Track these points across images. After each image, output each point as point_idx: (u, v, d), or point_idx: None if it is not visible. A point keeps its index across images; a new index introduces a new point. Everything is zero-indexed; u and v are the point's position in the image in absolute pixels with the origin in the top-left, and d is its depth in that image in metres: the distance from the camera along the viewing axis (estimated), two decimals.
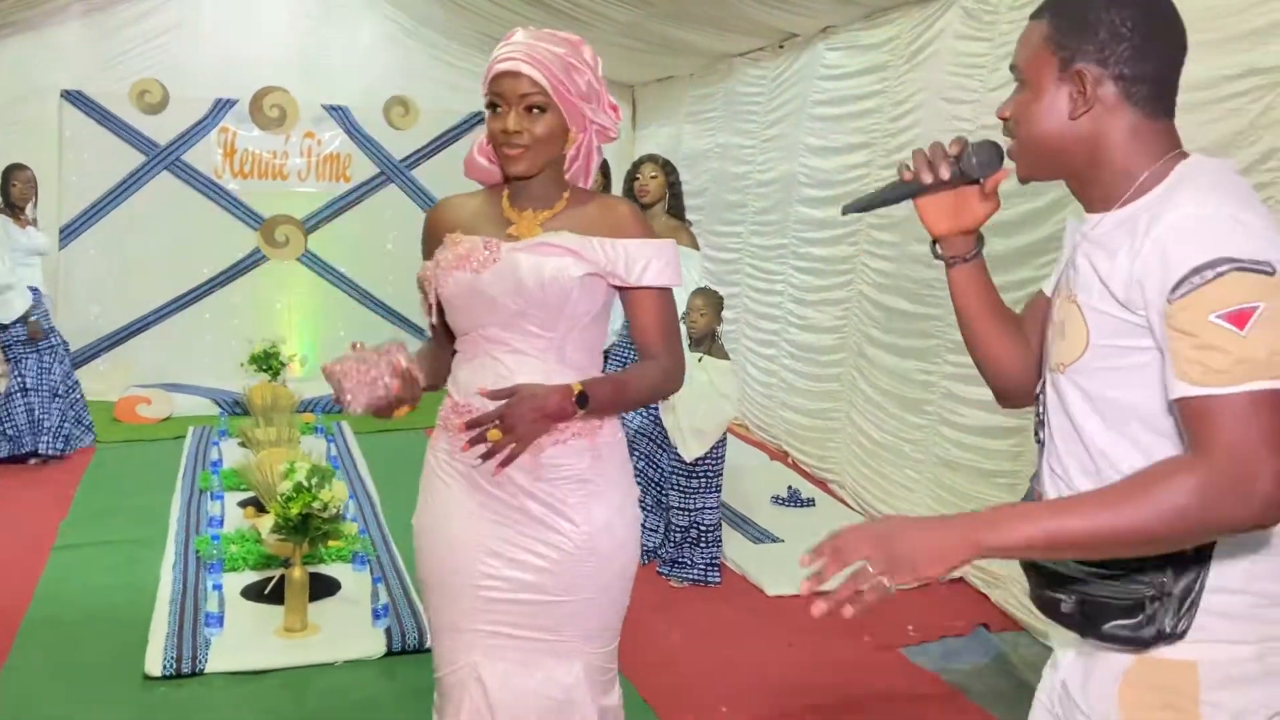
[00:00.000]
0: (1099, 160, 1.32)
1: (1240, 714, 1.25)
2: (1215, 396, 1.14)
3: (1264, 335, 1.14)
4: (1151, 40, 1.30)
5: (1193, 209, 1.20)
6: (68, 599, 3.74)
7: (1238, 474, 1.13)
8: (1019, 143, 1.38)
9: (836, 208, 5.22)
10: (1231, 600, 1.25)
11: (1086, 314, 1.30)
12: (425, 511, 1.94)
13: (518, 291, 1.79)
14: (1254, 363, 1.14)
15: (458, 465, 1.87)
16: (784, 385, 6.02)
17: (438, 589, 1.91)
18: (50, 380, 5.47)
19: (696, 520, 4.10)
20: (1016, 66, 1.37)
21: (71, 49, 6.91)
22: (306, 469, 3.40)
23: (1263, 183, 3.05)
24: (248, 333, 6.77)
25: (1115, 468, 1.28)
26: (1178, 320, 1.17)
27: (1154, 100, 1.32)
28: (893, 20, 4.85)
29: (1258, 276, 1.15)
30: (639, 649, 3.42)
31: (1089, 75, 1.29)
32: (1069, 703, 1.38)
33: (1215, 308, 1.14)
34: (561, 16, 6.25)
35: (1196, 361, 1.15)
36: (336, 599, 3.73)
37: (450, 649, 1.89)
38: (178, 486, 5.07)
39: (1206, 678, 1.25)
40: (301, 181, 7.24)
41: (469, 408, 1.82)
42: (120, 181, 6.81)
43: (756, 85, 6.21)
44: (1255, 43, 3.06)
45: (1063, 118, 1.32)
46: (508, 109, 1.77)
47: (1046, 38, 1.33)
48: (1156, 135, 1.32)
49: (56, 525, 4.49)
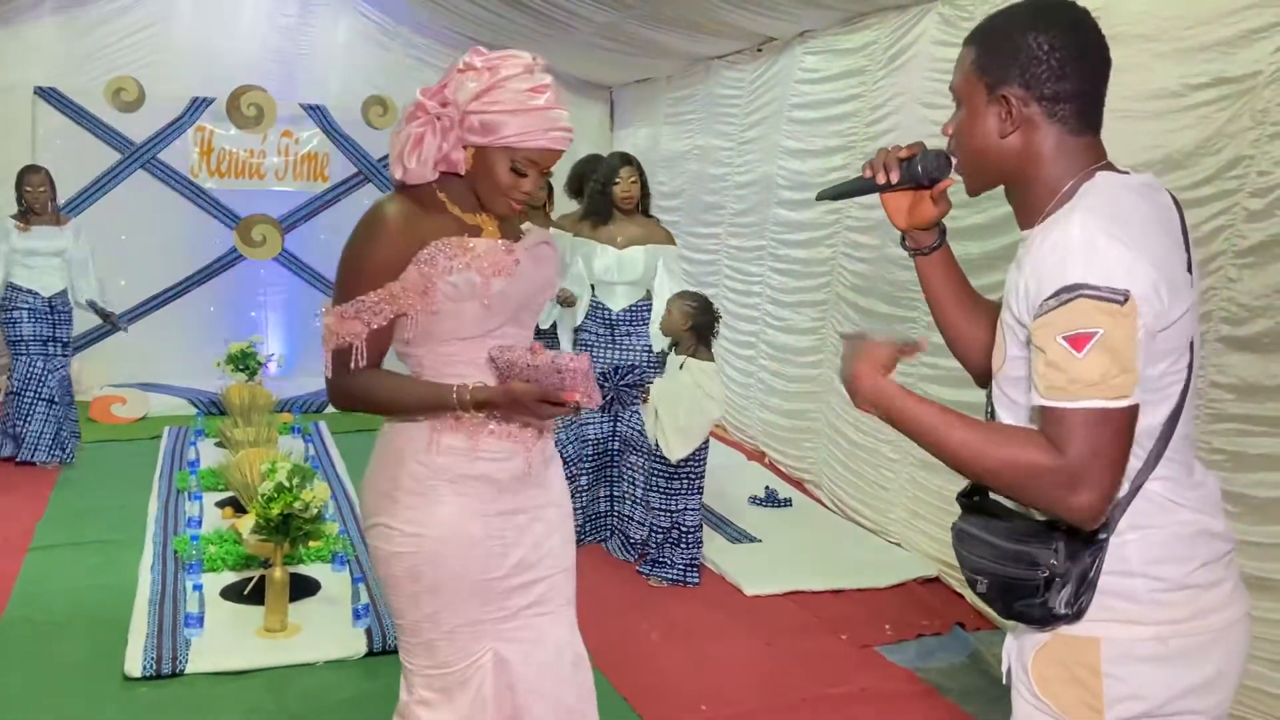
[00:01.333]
0: (1029, 175, 1.42)
1: (1140, 690, 1.35)
2: (1057, 409, 1.28)
3: (1098, 359, 1.25)
4: (1071, 61, 1.37)
5: (1067, 232, 1.31)
6: (45, 600, 3.73)
7: (1071, 478, 1.27)
8: (960, 159, 1.49)
9: (815, 210, 5.35)
10: (1130, 583, 1.36)
11: (1003, 327, 1.42)
12: (434, 521, 1.90)
13: (534, 290, 1.96)
14: (1086, 383, 1.26)
15: (479, 467, 1.90)
16: (762, 386, 6.07)
17: (457, 592, 1.91)
18: (43, 387, 5.33)
19: (678, 521, 4.12)
20: (953, 89, 1.47)
21: (45, 45, 6.85)
22: (288, 469, 3.40)
23: (1228, 189, 3.12)
24: (224, 332, 6.73)
25: None
26: (1036, 336, 1.30)
27: (1077, 117, 1.40)
28: (870, 25, 4.90)
29: (1106, 304, 1.25)
30: (619, 648, 3.46)
31: (1014, 97, 1.39)
32: (1011, 678, 1.49)
33: (1062, 330, 1.27)
34: (540, 18, 6.27)
35: (1044, 376, 1.29)
36: (317, 599, 3.74)
37: (467, 643, 1.94)
38: (155, 487, 5.05)
39: (1107, 652, 1.36)
40: (279, 181, 7.21)
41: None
42: (95, 180, 6.76)
43: (735, 88, 6.25)
44: (1222, 52, 3.13)
45: (994, 136, 1.42)
46: (534, 175, 1.87)
47: (974, 63, 1.43)
48: (1080, 150, 1.41)
49: (33, 526, 4.46)
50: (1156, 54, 3.34)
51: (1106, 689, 1.35)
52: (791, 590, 4.03)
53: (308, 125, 7.20)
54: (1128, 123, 3.44)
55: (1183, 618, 1.36)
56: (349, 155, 7.29)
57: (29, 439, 5.30)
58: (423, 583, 1.91)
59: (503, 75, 1.80)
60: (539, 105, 1.81)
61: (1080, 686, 1.37)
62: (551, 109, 1.83)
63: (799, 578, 4.11)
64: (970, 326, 1.65)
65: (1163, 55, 3.32)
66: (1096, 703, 1.35)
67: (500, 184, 1.85)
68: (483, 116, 1.80)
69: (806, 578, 4.11)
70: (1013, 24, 1.40)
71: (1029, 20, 1.39)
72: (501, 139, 1.81)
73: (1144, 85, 3.37)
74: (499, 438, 1.91)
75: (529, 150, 1.82)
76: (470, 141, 1.83)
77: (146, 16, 7.02)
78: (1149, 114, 3.36)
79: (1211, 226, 3.17)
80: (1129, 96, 3.44)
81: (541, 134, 1.81)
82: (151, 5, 7.03)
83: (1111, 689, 1.35)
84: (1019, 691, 1.45)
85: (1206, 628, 1.37)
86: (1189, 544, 1.37)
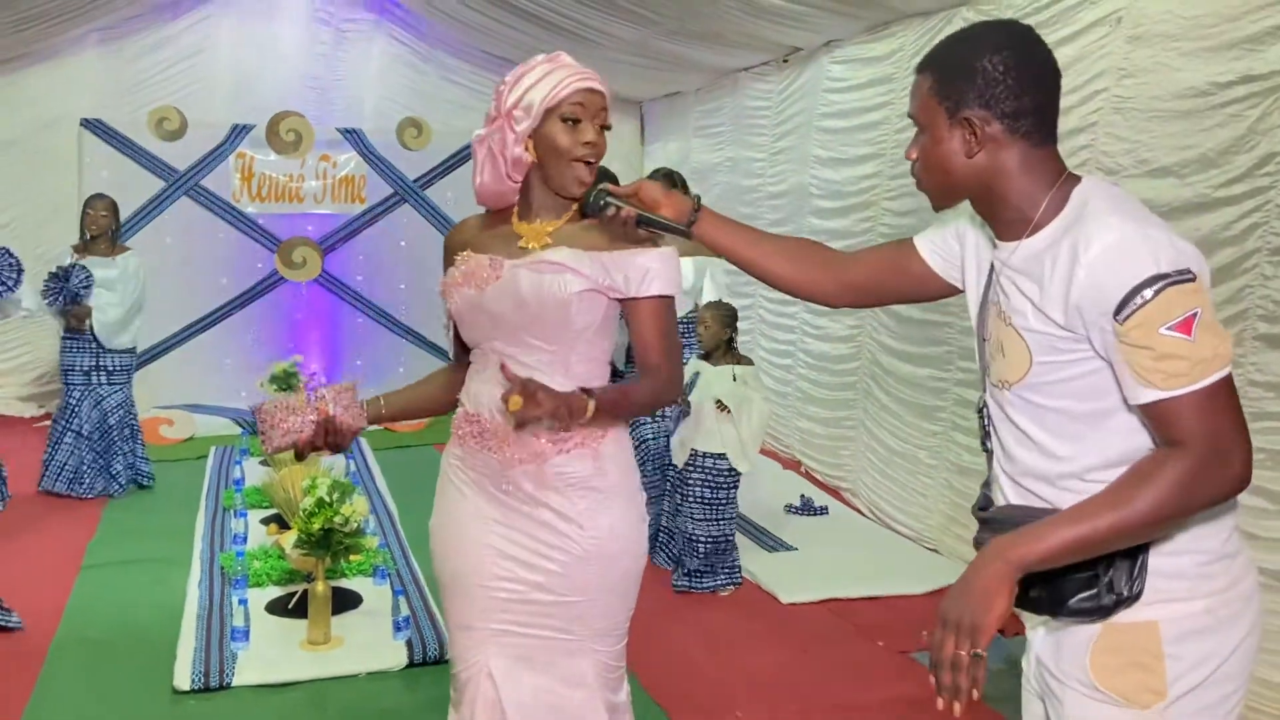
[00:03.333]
0: (998, 189, 1.46)
1: (1198, 662, 1.39)
2: (1181, 396, 1.31)
3: (1207, 336, 1.31)
4: (1025, 77, 1.42)
5: (1113, 237, 1.34)
6: (97, 617, 3.83)
7: (1215, 456, 1.31)
8: (924, 181, 1.53)
9: (850, 219, 5.38)
10: (1177, 561, 1.39)
11: (1025, 336, 1.43)
12: (440, 516, 2.03)
13: (518, 307, 1.87)
14: (1206, 360, 1.31)
15: (470, 473, 1.96)
16: (800, 394, 6.08)
17: (453, 590, 1.99)
18: (74, 419, 5.31)
19: (726, 531, 4.17)
20: (913, 116, 1.51)
21: (90, 78, 7.07)
22: (327, 485, 3.48)
23: (1261, 186, 3.10)
24: (267, 352, 6.86)
25: (1065, 464, 1.43)
26: (1132, 337, 1.32)
27: (1038, 130, 1.44)
28: (895, 34, 4.92)
29: (1186, 285, 1.31)
30: (654, 655, 3.48)
31: (976, 118, 1.43)
32: (1044, 674, 1.51)
33: (1163, 321, 1.30)
34: (569, 36, 6.36)
35: (1158, 370, 1.32)
36: (358, 612, 3.81)
37: (465, 647, 1.96)
38: (202, 505, 5.16)
39: (1167, 633, 1.39)
40: (317, 204, 7.34)
41: (478, 417, 1.92)
42: (141, 207, 6.93)
43: (763, 99, 6.29)
44: (1249, 49, 3.12)
45: (960, 157, 1.46)
46: (587, 123, 1.86)
47: (932, 90, 1.47)
48: (1044, 161, 1.45)
49: (85, 545, 4.58)
50: (1183, 53, 3.34)
51: (1169, 668, 1.39)
52: (828, 598, 4.03)
53: (345, 149, 7.33)
54: (1158, 122, 3.43)
55: (1225, 586, 1.42)
56: (385, 177, 7.41)
57: (51, 468, 5.29)
58: (441, 577, 2.04)
59: (523, 71, 1.89)
60: (557, 64, 1.87)
61: (1143, 671, 1.40)
62: (571, 62, 1.88)
63: (835, 585, 4.11)
64: (775, 263, 1.80)
65: (1189, 54, 3.31)
66: (1159, 684, 1.39)
67: (562, 149, 1.86)
68: (521, 103, 1.86)
69: (843, 585, 4.11)
70: (966, 49, 1.45)
71: (981, 44, 1.44)
72: (541, 106, 1.85)
73: (1172, 85, 3.37)
74: (482, 451, 1.93)
75: (568, 97, 1.84)
76: (521, 132, 1.87)
77: (187, 47, 7.22)
78: (1178, 113, 3.35)
79: (1245, 224, 3.15)
80: (1158, 96, 3.43)
81: (571, 80, 1.84)
82: (192, 36, 7.23)
83: (1173, 668, 1.39)
84: (1070, 686, 1.46)
85: (1244, 591, 1.43)
86: (1219, 514, 1.42)
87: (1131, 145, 3.51)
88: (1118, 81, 3.59)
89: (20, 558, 4.41)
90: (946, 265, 1.66)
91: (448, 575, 2.00)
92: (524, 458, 1.89)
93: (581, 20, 5.99)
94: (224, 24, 7.31)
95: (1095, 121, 3.68)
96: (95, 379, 5.35)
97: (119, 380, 5.44)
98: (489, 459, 1.92)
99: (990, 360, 1.52)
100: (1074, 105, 3.78)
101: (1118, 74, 3.59)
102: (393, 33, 7.62)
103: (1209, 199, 3.24)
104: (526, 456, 1.89)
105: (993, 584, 1.34)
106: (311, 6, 7.46)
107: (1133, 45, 3.52)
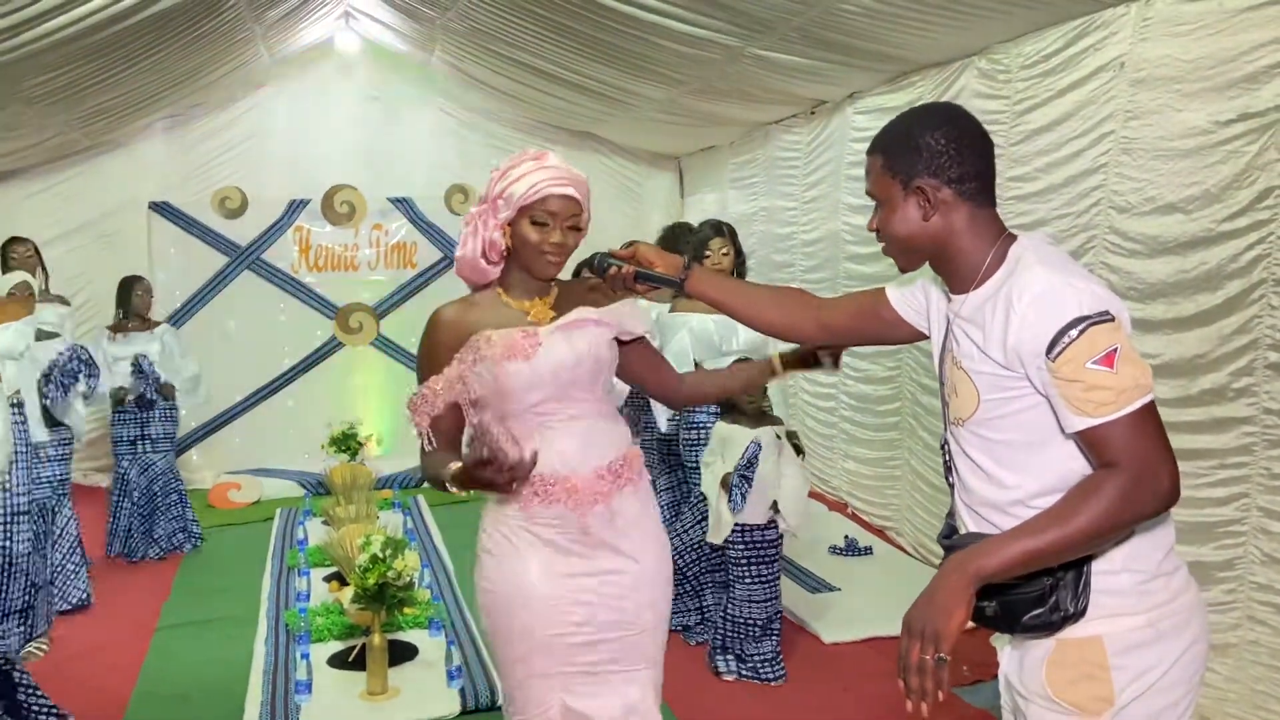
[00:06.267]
0: (951, 246, 1.64)
1: (1143, 672, 1.54)
2: (1110, 421, 1.47)
3: (1128, 368, 1.48)
4: (964, 147, 1.61)
5: (1040, 286, 1.51)
6: (171, 675, 4.05)
7: (1144, 473, 1.47)
8: (890, 247, 1.71)
9: (883, 263, 5.46)
10: (1117, 579, 1.54)
11: (974, 377, 1.60)
12: (502, 578, 2.13)
13: (568, 366, 2.08)
14: (1128, 390, 1.47)
15: (536, 530, 2.10)
16: (845, 436, 6.17)
17: (528, 644, 2.11)
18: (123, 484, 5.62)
19: (772, 611, 3.77)
20: (870, 193, 1.70)
21: (157, 163, 7.50)
22: (381, 541, 3.66)
23: (1262, 220, 3.19)
24: (327, 416, 7.14)
25: (1012, 492, 1.59)
26: (1063, 372, 1.48)
27: (981, 193, 1.63)
28: (914, 84, 5.07)
29: (1106, 325, 1.48)
30: (697, 695, 3.59)
31: (928, 187, 1.61)
32: (1011, 691, 1.66)
33: (1088, 357, 1.47)
34: (602, 99, 6.62)
35: (1088, 400, 1.47)
36: (415, 663, 3.97)
37: (541, 692, 2.12)
38: (268, 565, 5.40)
39: (1111, 646, 1.54)
40: (371, 270, 7.66)
41: (539, 475, 2.05)
42: (206, 283, 7.30)
43: (793, 150, 6.46)
44: (1245, 89, 3.21)
45: (917, 222, 1.64)
46: (556, 226, 2.07)
47: (884, 167, 1.66)
48: (988, 220, 1.64)
49: (159, 607, 4.83)
50: (1184, 94, 3.44)
51: (1115, 679, 1.53)
52: (870, 636, 4.11)
53: (396, 217, 7.66)
54: (1163, 161, 3.53)
55: (1165, 600, 1.56)
56: (435, 242, 7.71)
57: (117, 533, 5.60)
58: (499, 635, 2.15)
59: (511, 164, 2.10)
60: (540, 165, 2.07)
61: (1092, 682, 1.54)
62: (553, 165, 2.06)
63: (877, 624, 4.18)
64: (765, 313, 2.00)
65: (1189, 95, 3.42)
66: (1107, 692, 1.53)
67: (530, 242, 2.07)
68: (504, 194, 2.07)
69: (885, 623, 4.17)
70: (909, 129, 1.64)
71: (920, 123, 1.64)
72: (517, 203, 2.06)
73: (1176, 125, 3.47)
74: (545, 503, 2.09)
75: (540, 202, 2.05)
76: (500, 220, 2.09)
77: (246, 130, 7.64)
78: (1182, 152, 3.45)
79: (1251, 256, 3.23)
80: (1163, 136, 3.53)
81: (547, 185, 2.04)
82: (250, 119, 7.65)
83: (1119, 678, 1.53)
84: (1032, 700, 1.60)
85: (1185, 605, 1.57)
86: (1155, 537, 1.57)
87: (1139, 184, 3.61)
88: (1124, 124, 3.69)
89: (102, 619, 4.68)
90: (913, 314, 1.84)
91: (514, 629, 2.11)
92: (594, 498, 2.08)
93: (611, 83, 6.24)
94: (279, 105, 7.73)
95: (1105, 163, 3.78)
96: (141, 448, 5.66)
97: (163, 448, 5.73)
98: (558, 511, 2.08)
99: (948, 400, 1.69)
100: (1085, 148, 3.89)
101: (1124, 116, 3.70)
102: (439, 105, 7.97)
103: (1214, 233, 3.33)
104: (596, 497, 2.08)
105: (953, 595, 1.49)
106: (361, 85, 7.84)
107: (1136, 88, 3.63)
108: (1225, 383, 3.31)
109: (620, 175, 8.25)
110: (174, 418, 5.79)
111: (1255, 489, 3.22)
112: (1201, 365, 3.38)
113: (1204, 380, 3.38)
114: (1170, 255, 3.49)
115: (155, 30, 5.15)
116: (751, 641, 3.77)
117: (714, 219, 4.45)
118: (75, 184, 7.31)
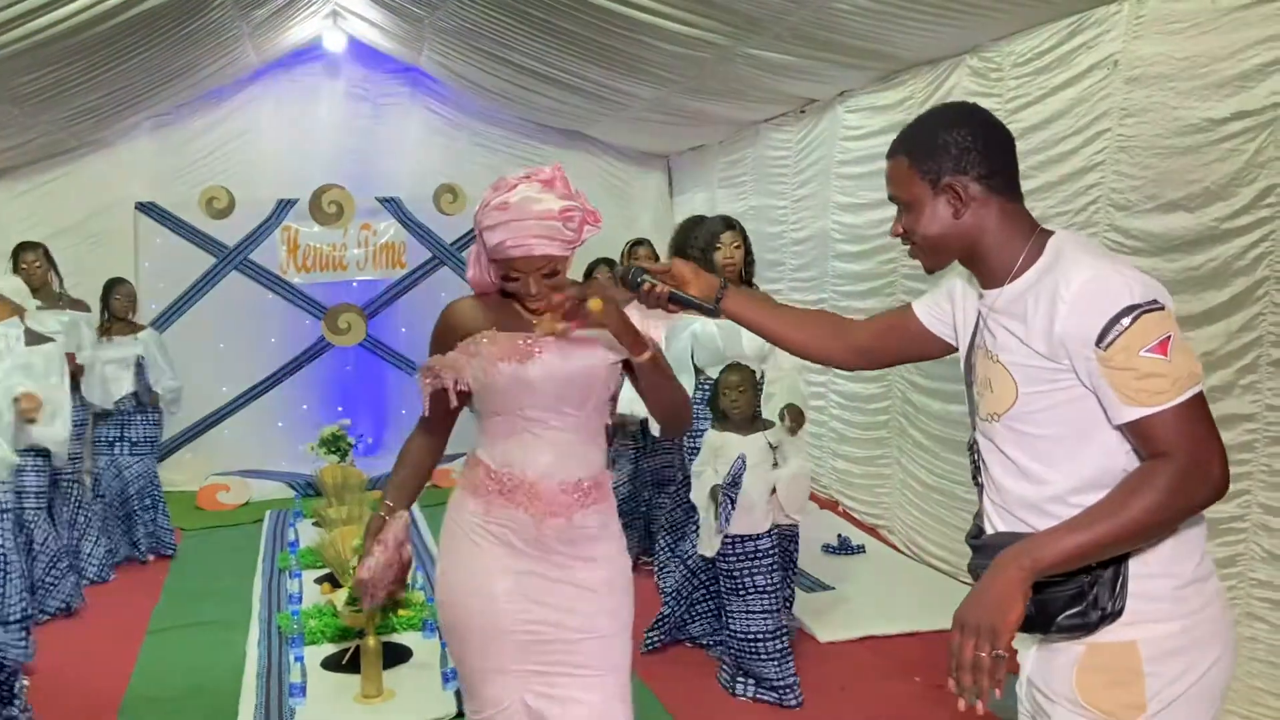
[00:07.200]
0: (984, 242, 1.62)
1: (1175, 679, 1.51)
2: (1164, 410, 1.45)
3: (1181, 356, 1.46)
4: (989, 143, 1.61)
5: (1089, 274, 1.49)
6: (164, 678, 4.01)
7: (1196, 463, 1.45)
8: (918, 248, 1.69)
9: (873, 261, 5.50)
10: (1155, 584, 1.52)
11: (1011, 370, 1.58)
12: (459, 571, 2.14)
13: (558, 380, 2.06)
14: (1182, 378, 1.46)
15: (492, 527, 2.11)
16: (834, 435, 6.17)
17: (483, 639, 2.11)
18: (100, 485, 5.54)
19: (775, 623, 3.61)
20: (895, 197, 1.68)
21: (143, 163, 7.42)
22: None
23: (1264, 217, 3.19)
24: (316, 417, 7.10)
25: (1050, 488, 1.56)
26: (1115, 361, 1.46)
27: (1008, 187, 1.62)
28: (904, 82, 5.07)
29: (1158, 313, 1.46)
30: (694, 696, 3.58)
31: (958, 183, 1.60)
32: (1035, 694, 1.62)
33: (1142, 344, 1.45)
34: (593, 99, 6.60)
35: (1142, 389, 1.46)
36: (409, 665, 3.95)
37: (499, 690, 2.11)
38: (259, 567, 5.36)
39: (1146, 652, 1.51)
40: (360, 270, 7.63)
41: (509, 474, 2.08)
42: (193, 284, 7.25)
43: (783, 149, 6.46)
44: (1240, 87, 3.22)
45: (949, 220, 1.62)
46: (527, 278, 2.03)
47: (911, 168, 1.63)
48: (1019, 214, 1.63)
49: (150, 611, 4.78)
50: (1179, 92, 3.44)
51: (1148, 685, 1.50)
52: (864, 635, 4.11)
53: (384, 217, 7.62)
54: (1162, 159, 3.53)
55: (1198, 607, 1.53)
56: (424, 242, 7.68)
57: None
58: (454, 630, 2.16)
59: (493, 196, 2.03)
60: (506, 218, 1.97)
61: (1123, 688, 1.51)
62: (519, 220, 1.96)
63: (872, 622, 4.18)
64: (796, 333, 1.97)
65: (1184, 93, 3.42)
66: (1139, 700, 1.50)
67: (509, 288, 2.08)
68: (483, 230, 2.03)
69: (879, 622, 4.18)
70: (932, 129, 1.63)
71: (942, 123, 1.63)
72: (489, 251, 2.04)
73: (1172, 123, 3.47)
74: (505, 504, 2.08)
75: (507, 260, 2.02)
76: (487, 259, 2.09)
77: (233, 129, 7.57)
78: (1180, 150, 3.45)
79: (1254, 254, 3.24)
80: (1160, 134, 3.54)
81: (515, 245, 1.98)
82: (237, 119, 7.58)
83: (1151, 684, 1.50)
84: (1058, 704, 1.57)
85: (1215, 615, 1.55)
86: (1191, 541, 1.55)
87: (1139, 182, 3.62)
88: (1119, 121, 3.70)
89: (90, 624, 4.63)
90: (940, 325, 1.82)
91: (473, 625, 2.12)
92: (554, 511, 2.07)
93: (600, 82, 6.22)
94: (266, 105, 7.66)
95: (1102, 160, 3.79)
96: (119, 449, 5.58)
97: (141, 452, 5.64)
98: (515, 514, 2.07)
99: (979, 398, 1.66)
100: (1080, 146, 3.90)
101: (1119, 114, 3.70)
102: (427, 104, 7.93)
103: (1218, 231, 3.33)
104: (555, 510, 2.07)
105: (1010, 588, 1.47)
106: (349, 84, 7.80)
107: (1131, 86, 3.64)
108: (1231, 380, 3.31)
109: (608, 174, 8.22)
110: (157, 422, 5.73)
111: (1256, 485, 3.23)
112: (1208, 363, 3.37)
113: (1211, 378, 3.37)
114: (1174, 253, 3.49)
115: (142, 29, 5.10)
116: (760, 660, 3.57)
117: (724, 214, 4.46)
118: (61, 184, 7.22)
